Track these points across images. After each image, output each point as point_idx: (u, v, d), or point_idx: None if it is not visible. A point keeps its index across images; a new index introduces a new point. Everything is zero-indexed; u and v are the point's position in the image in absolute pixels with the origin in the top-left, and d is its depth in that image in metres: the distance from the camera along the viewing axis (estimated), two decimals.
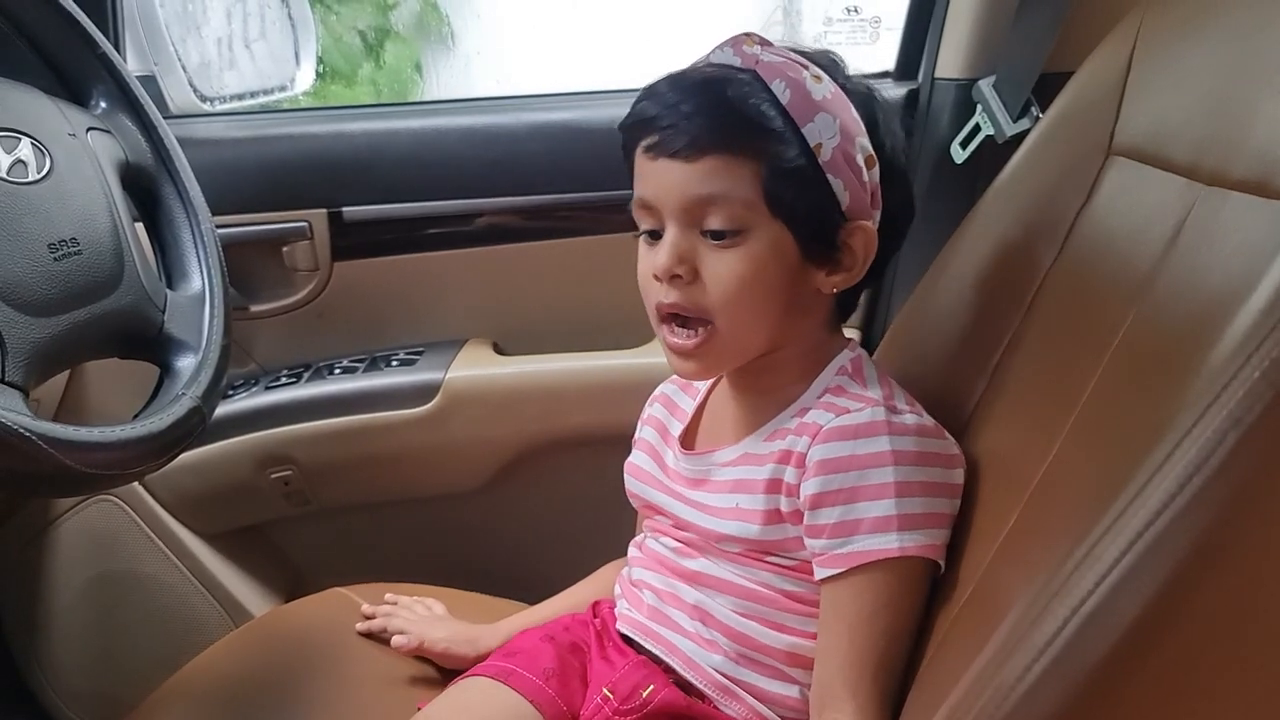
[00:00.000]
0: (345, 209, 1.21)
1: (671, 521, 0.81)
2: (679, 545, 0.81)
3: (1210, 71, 0.70)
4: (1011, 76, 1.10)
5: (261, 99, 1.40)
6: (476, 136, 1.23)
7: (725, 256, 0.72)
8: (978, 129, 1.13)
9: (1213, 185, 0.63)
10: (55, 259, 0.71)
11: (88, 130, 0.80)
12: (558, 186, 1.21)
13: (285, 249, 1.21)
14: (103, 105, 0.85)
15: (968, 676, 0.54)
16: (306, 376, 1.23)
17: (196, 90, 1.29)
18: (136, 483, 1.21)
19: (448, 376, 1.20)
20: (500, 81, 2.15)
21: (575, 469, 1.23)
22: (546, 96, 1.33)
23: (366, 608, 0.97)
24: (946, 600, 0.70)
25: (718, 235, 0.72)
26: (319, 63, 1.50)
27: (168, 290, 0.82)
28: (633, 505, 0.88)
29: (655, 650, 0.80)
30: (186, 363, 0.80)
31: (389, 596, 0.99)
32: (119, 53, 0.97)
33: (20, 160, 0.72)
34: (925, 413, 0.75)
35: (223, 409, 1.07)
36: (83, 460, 0.66)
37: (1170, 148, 0.70)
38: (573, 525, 1.21)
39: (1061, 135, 0.87)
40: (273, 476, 1.22)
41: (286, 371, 1.25)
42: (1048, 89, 0.96)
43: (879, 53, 1.31)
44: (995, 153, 1.09)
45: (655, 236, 0.75)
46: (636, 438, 0.88)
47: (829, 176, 0.72)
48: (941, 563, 0.71)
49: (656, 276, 0.74)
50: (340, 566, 1.17)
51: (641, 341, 1.22)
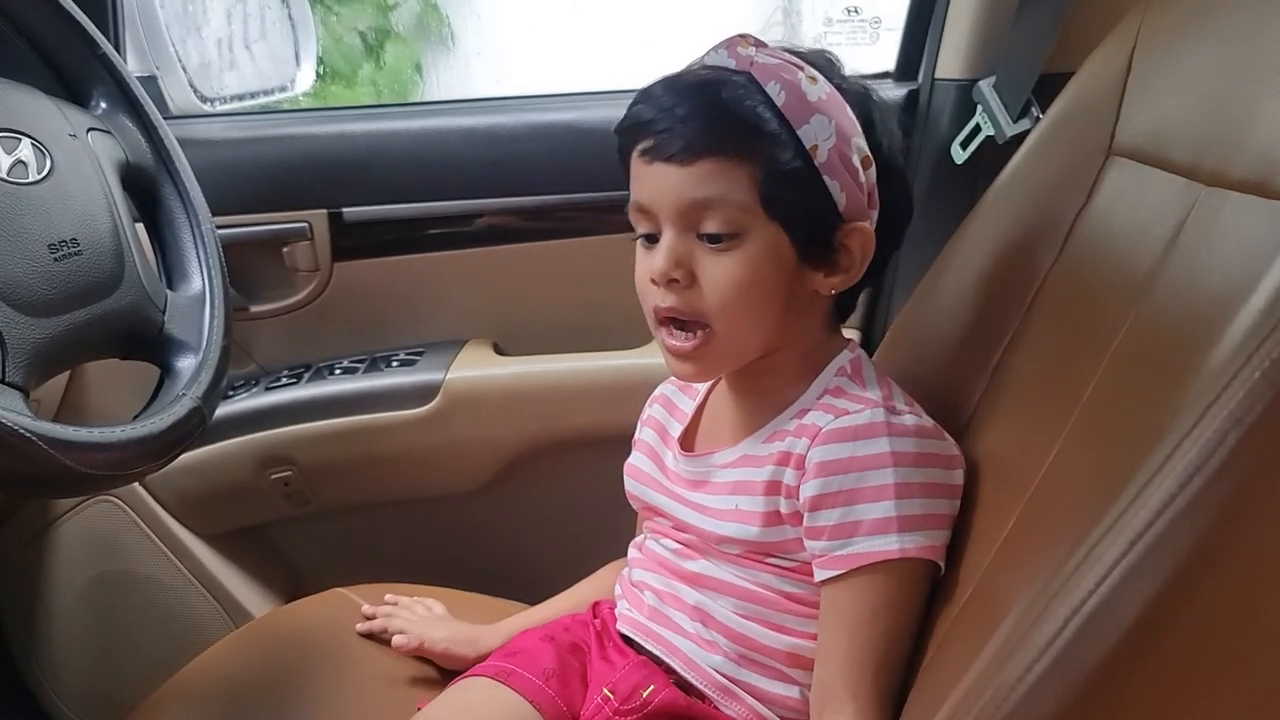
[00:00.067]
0: (345, 209, 1.21)
1: (671, 523, 0.81)
2: (679, 547, 0.81)
3: (1210, 72, 0.70)
4: (1011, 77, 1.09)
5: (262, 100, 1.40)
6: (476, 137, 1.22)
7: (722, 260, 0.72)
8: (978, 129, 1.13)
9: (1213, 185, 0.63)
10: (55, 259, 0.71)
11: (88, 131, 0.80)
12: (558, 187, 1.21)
13: (285, 249, 1.21)
14: (103, 106, 0.85)
15: (968, 677, 0.54)
16: (307, 377, 1.23)
17: (197, 91, 1.29)
18: (137, 483, 1.20)
19: (448, 377, 1.20)
20: (500, 82, 2.15)
21: (575, 469, 1.23)
22: (546, 97, 1.33)
23: (367, 608, 0.97)
24: (947, 601, 0.70)
25: (714, 239, 0.72)
26: (319, 63, 1.50)
27: (168, 291, 0.82)
28: (633, 506, 0.88)
29: (656, 651, 0.80)
30: (187, 363, 0.80)
31: (389, 597, 0.99)
32: (119, 53, 0.97)
33: (21, 161, 0.72)
34: (925, 413, 0.75)
35: (223, 409, 1.07)
36: (83, 461, 0.66)
37: (1170, 148, 0.70)
38: (573, 526, 1.21)
39: (1062, 136, 0.87)
40: (273, 477, 1.22)
41: (287, 372, 1.25)
42: (1048, 89, 0.96)
43: (879, 53, 1.30)
44: (995, 153, 1.08)
45: (652, 240, 0.74)
46: (636, 439, 0.88)
47: (825, 178, 0.71)
48: (941, 564, 0.71)
49: (653, 280, 0.74)
50: (340, 567, 1.17)
51: (642, 342, 1.22)
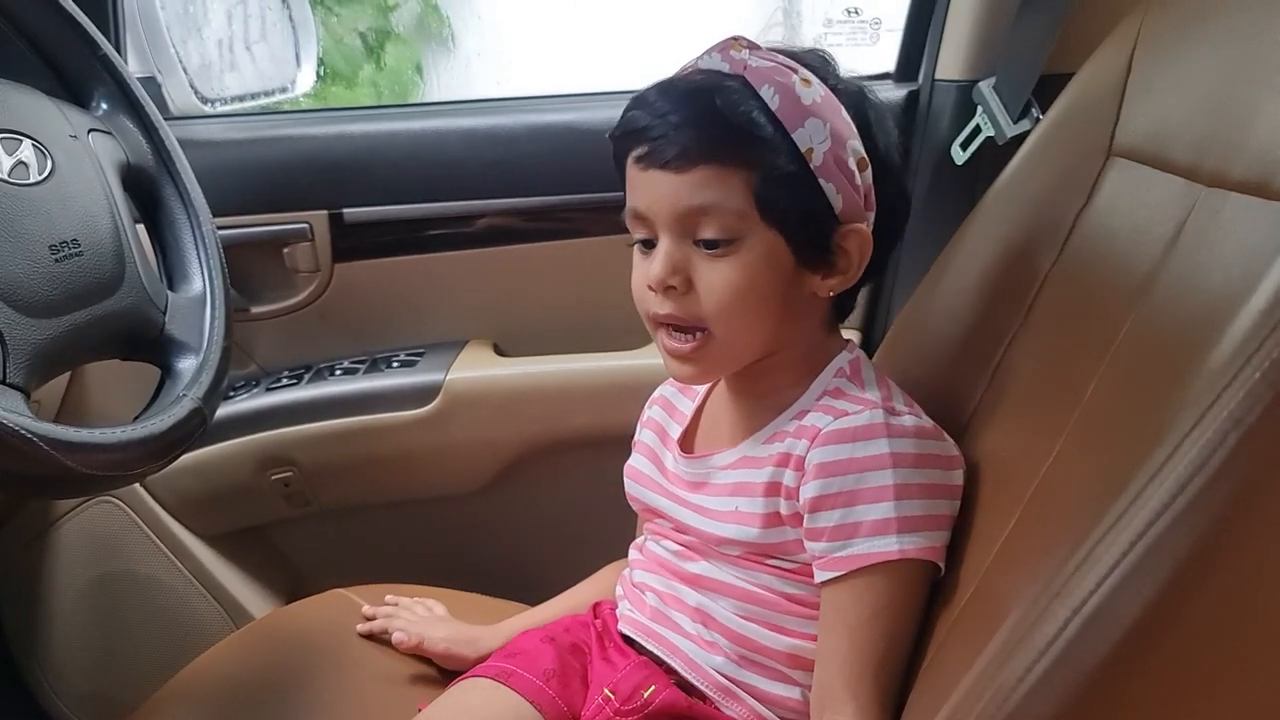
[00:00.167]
0: (346, 210, 1.21)
1: (672, 525, 0.81)
2: (680, 548, 0.81)
3: (1211, 72, 0.70)
4: (1012, 78, 1.09)
5: (262, 100, 1.40)
6: (477, 138, 1.23)
7: (719, 266, 0.71)
8: (978, 130, 1.13)
9: (1213, 186, 0.63)
10: (56, 260, 0.71)
11: (89, 132, 0.80)
12: (558, 188, 1.21)
13: (286, 250, 1.21)
14: (104, 107, 0.85)
15: (968, 678, 0.54)
16: (307, 378, 1.23)
17: (197, 92, 1.29)
18: (137, 484, 1.20)
19: (448, 378, 1.20)
20: (500, 83, 2.15)
21: (576, 470, 1.23)
22: (547, 98, 1.33)
23: (367, 609, 0.98)
24: (947, 602, 0.70)
25: (711, 245, 0.71)
26: (319, 64, 1.50)
27: (169, 291, 0.82)
28: (633, 508, 0.88)
29: (657, 651, 0.80)
30: (187, 364, 0.80)
31: (390, 598, 0.99)
32: (120, 54, 0.98)
33: (22, 162, 0.72)
34: (924, 414, 0.74)
35: (223, 410, 1.07)
36: (84, 461, 0.66)
37: (1170, 149, 0.70)
38: (573, 526, 1.21)
39: (1062, 136, 0.87)
40: (273, 478, 1.22)
41: (287, 373, 1.25)
42: (1048, 90, 0.96)
43: (879, 54, 1.30)
44: (995, 154, 1.08)
45: (649, 246, 0.74)
46: (635, 440, 0.88)
47: (821, 182, 0.71)
48: (941, 564, 0.71)
49: (651, 287, 0.73)
50: (341, 568, 1.17)
51: (642, 343, 1.22)
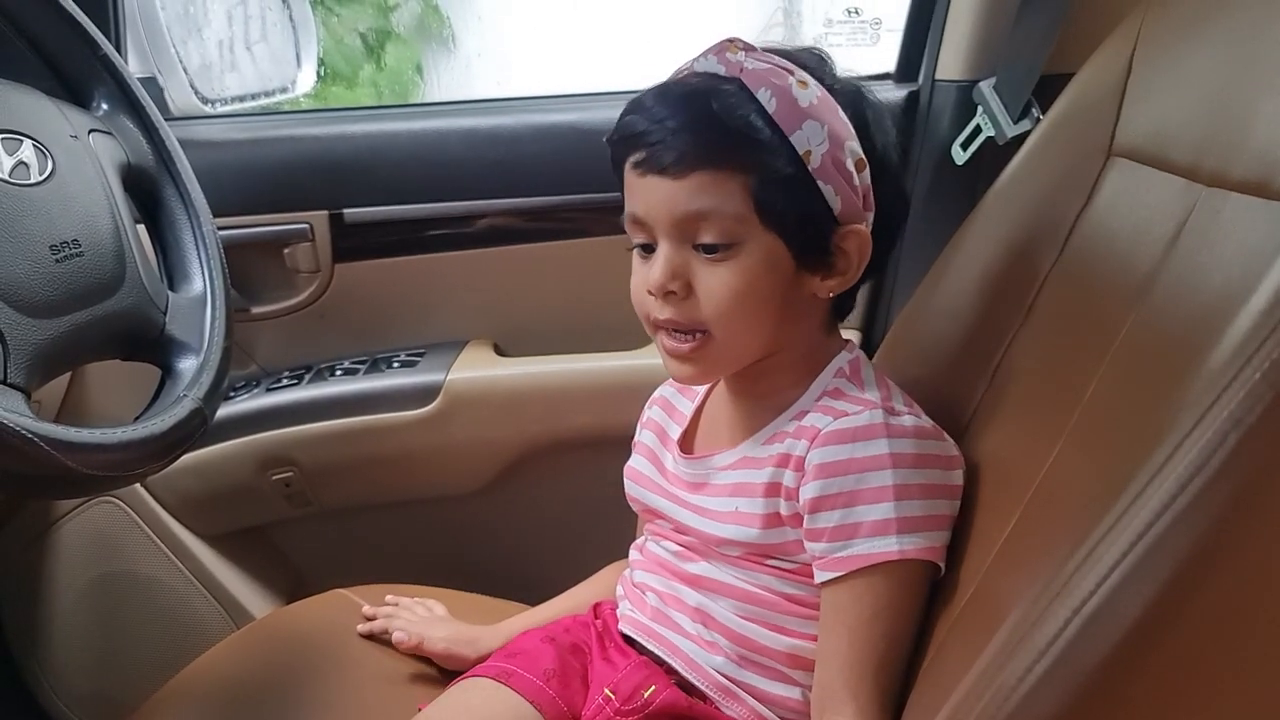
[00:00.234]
0: (346, 210, 1.21)
1: (672, 525, 0.81)
2: (679, 549, 0.81)
3: (1211, 72, 0.70)
4: (1012, 78, 1.09)
5: (263, 101, 1.40)
6: (477, 138, 1.23)
7: (719, 270, 0.71)
8: (978, 130, 1.13)
9: (1213, 186, 0.63)
10: (57, 260, 0.71)
11: (89, 132, 0.80)
12: (559, 188, 1.21)
13: (286, 250, 1.21)
14: (104, 107, 0.85)
15: (969, 678, 0.54)
16: (308, 378, 1.23)
17: (198, 92, 1.29)
18: (138, 484, 1.20)
19: (449, 378, 1.20)
20: (501, 83, 2.15)
21: (576, 470, 1.23)
22: (548, 98, 1.33)
23: (367, 609, 0.98)
24: (947, 602, 0.70)
25: (710, 249, 0.71)
26: (320, 65, 1.50)
27: (169, 292, 0.82)
28: (633, 509, 0.88)
29: (657, 651, 0.80)
30: (188, 364, 0.80)
31: (390, 598, 0.99)
32: (120, 54, 0.97)
33: (22, 162, 0.72)
34: (924, 414, 0.74)
35: (224, 410, 1.07)
36: (84, 462, 0.66)
37: (1171, 149, 0.70)
38: (574, 526, 1.21)
39: (1062, 136, 0.87)
40: (274, 478, 1.22)
41: (288, 373, 1.25)
42: (1048, 90, 0.96)
43: (880, 54, 1.30)
44: (996, 154, 1.08)
45: (648, 250, 0.74)
46: (635, 441, 0.88)
47: (819, 183, 0.71)
48: (942, 565, 0.71)
49: (650, 292, 0.73)
50: (341, 568, 1.17)
51: (642, 343, 1.22)
